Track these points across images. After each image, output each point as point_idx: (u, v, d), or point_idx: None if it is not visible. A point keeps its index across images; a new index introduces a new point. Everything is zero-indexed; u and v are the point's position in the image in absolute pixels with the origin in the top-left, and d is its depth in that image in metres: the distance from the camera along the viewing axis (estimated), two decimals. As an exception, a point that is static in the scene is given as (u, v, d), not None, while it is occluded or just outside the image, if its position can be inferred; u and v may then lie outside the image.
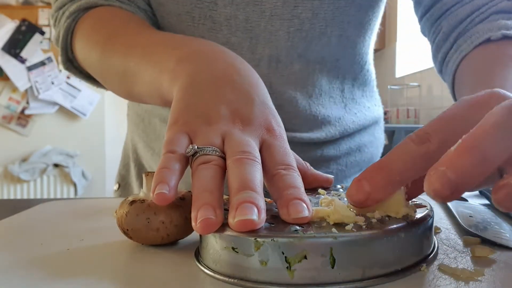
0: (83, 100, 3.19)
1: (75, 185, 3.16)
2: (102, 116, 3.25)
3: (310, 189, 0.37)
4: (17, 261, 0.31)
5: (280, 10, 0.55)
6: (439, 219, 0.41)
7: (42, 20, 3.13)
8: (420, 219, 0.28)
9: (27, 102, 3.14)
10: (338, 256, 0.24)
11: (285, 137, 0.35)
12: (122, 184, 0.76)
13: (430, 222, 0.29)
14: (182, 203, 0.33)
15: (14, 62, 3.10)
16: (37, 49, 3.14)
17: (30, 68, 3.11)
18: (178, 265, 0.30)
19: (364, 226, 0.26)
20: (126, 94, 0.54)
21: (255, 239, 0.25)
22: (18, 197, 3.10)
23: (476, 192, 0.56)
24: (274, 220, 0.28)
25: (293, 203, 0.27)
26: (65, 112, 3.20)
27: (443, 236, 0.35)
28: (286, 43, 0.56)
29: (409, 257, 0.27)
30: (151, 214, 0.32)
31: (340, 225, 0.26)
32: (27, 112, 3.14)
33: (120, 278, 0.28)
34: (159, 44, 0.47)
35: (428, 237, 0.29)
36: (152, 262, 0.30)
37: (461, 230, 0.36)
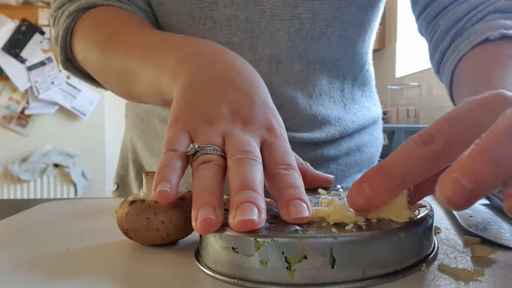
0: (83, 100, 3.19)
1: (75, 185, 3.16)
2: (102, 116, 3.25)
3: (310, 189, 0.37)
4: (17, 261, 0.31)
5: (280, 11, 0.55)
6: (439, 219, 0.41)
7: (42, 20, 3.13)
8: (420, 219, 0.28)
9: (27, 102, 3.14)
10: (338, 256, 0.24)
11: (286, 136, 0.35)
12: (121, 185, 0.76)
13: (430, 222, 0.29)
14: (182, 203, 0.33)
15: (14, 62, 3.10)
16: (37, 49, 3.14)
17: (30, 68, 3.11)
18: (178, 265, 0.30)
19: (364, 226, 0.26)
20: (125, 94, 0.54)
21: (255, 239, 0.25)
22: (18, 197, 3.10)
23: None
24: (274, 220, 0.28)
25: (293, 203, 0.27)
26: (65, 112, 3.20)
27: (443, 236, 0.35)
28: (287, 43, 0.56)
29: (409, 257, 0.27)
30: (151, 214, 0.32)
31: (340, 225, 0.26)
32: (27, 112, 3.14)
33: (120, 278, 0.28)
34: (159, 44, 0.47)
35: (428, 237, 0.29)
36: (152, 262, 0.30)
37: (461, 230, 0.36)
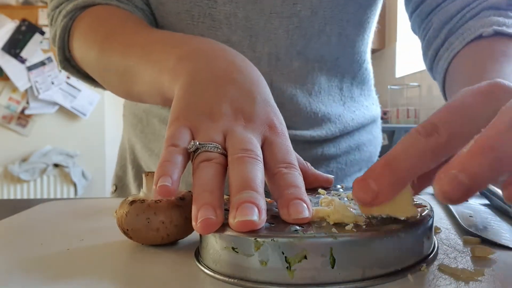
0: (83, 100, 3.19)
1: (75, 185, 3.16)
2: (102, 116, 3.25)
3: (310, 189, 0.37)
4: (17, 261, 0.31)
5: (279, 8, 0.55)
6: (439, 219, 0.41)
7: (42, 20, 3.13)
8: (420, 219, 0.28)
9: (27, 102, 3.14)
10: (338, 256, 0.24)
11: (287, 134, 0.35)
12: (119, 185, 0.75)
13: (430, 222, 0.29)
14: (182, 203, 0.33)
15: (14, 62, 3.10)
16: (37, 49, 3.14)
17: (30, 68, 3.11)
18: (178, 265, 0.30)
19: (364, 226, 0.26)
20: (125, 94, 0.54)
21: (255, 239, 0.25)
22: (18, 197, 3.10)
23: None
24: (274, 220, 0.28)
25: (294, 203, 0.27)
26: (65, 112, 3.20)
27: (443, 236, 0.35)
28: (286, 41, 0.57)
29: (409, 257, 0.27)
30: (151, 214, 0.32)
31: (340, 225, 0.26)
32: (27, 112, 3.14)
33: (120, 278, 0.28)
34: (158, 42, 0.47)
35: (428, 237, 0.29)
36: (152, 262, 0.30)
37: (461, 230, 0.36)
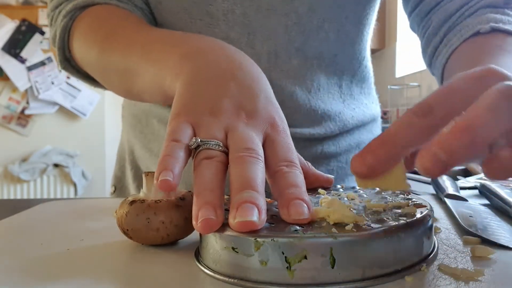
0: (83, 100, 3.19)
1: (75, 185, 3.16)
2: (102, 116, 3.25)
3: (311, 189, 0.37)
4: (17, 261, 0.31)
5: (277, 5, 0.55)
6: (439, 219, 0.41)
7: (42, 20, 3.13)
8: (420, 219, 0.28)
9: (27, 102, 3.14)
10: (338, 256, 0.24)
11: (289, 132, 0.35)
12: (118, 186, 0.75)
13: (430, 222, 0.29)
14: (182, 203, 0.33)
15: (14, 62, 3.10)
16: (37, 49, 3.14)
17: (30, 68, 3.11)
18: (178, 265, 0.30)
19: (364, 226, 0.26)
20: (125, 93, 0.54)
21: (255, 239, 0.25)
22: (18, 197, 3.10)
23: (476, 192, 0.56)
24: (274, 220, 0.28)
25: (294, 203, 0.27)
26: (65, 112, 3.20)
27: (443, 236, 0.35)
28: (284, 38, 0.56)
29: (409, 257, 0.27)
30: (151, 214, 0.32)
31: (340, 225, 0.26)
32: (27, 112, 3.14)
33: (120, 278, 0.28)
34: (158, 41, 0.47)
35: (428, 237, 0.29)
36: (152, 262, 0.30)
37: (461, 230, 0.36)
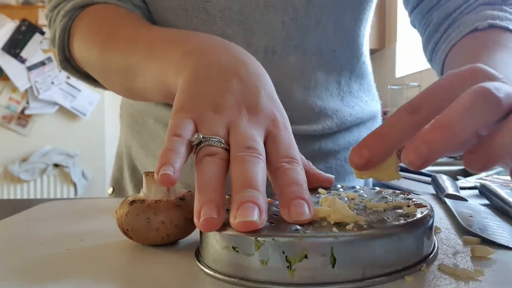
0: (83, 100, 3.19)
1: (75, 185, 3.16)
2: (102, 116, 3.25)
3: (311, 189, 0.37)
4: (17, 261, 0.31)
5: (274, 1, 0.55)
6: (439, 219, 0.41)
7: (42, 20, 3.13)
8: (420, 219, 0.28)
9: (27, 102, 3.14)
10: (338, 255, 0.24)
11: (290, 129, 0.35)
12: (117, 187, 0.75)
13: (430, 222, 0.29)
14: (182, 203, 0.33)
15: (14, 62, 3.10)
16: (37, 49, 3.14)
17: (30, 68, 3.11)
18: (178, 265, 0.30)
19: (364, 226, 0.26)
20: (126, 92, 0.54)
21: (256, 238, 0.25)
22: (18, 197, 3.10)
23: (476, 192, 0.56)
24: (275, 219, 0.28)
25: (294, 203, 0.27)
26: (65, 112, 3.20)
27: (443, 236, 0.35)
28: (281, 34, 0.56)
29: (409, 257, 0.27)
30: (151, 214, 0.32)
31: (340, 225, 0.26)
32: (27, 112, 3.14)
33: (120, 278, 0.28)
34: (160, 39, 0.47)
35: (428, 237, 0.29)
36: (152, 262, 0.30)
37: (461, 230, 0.36)
